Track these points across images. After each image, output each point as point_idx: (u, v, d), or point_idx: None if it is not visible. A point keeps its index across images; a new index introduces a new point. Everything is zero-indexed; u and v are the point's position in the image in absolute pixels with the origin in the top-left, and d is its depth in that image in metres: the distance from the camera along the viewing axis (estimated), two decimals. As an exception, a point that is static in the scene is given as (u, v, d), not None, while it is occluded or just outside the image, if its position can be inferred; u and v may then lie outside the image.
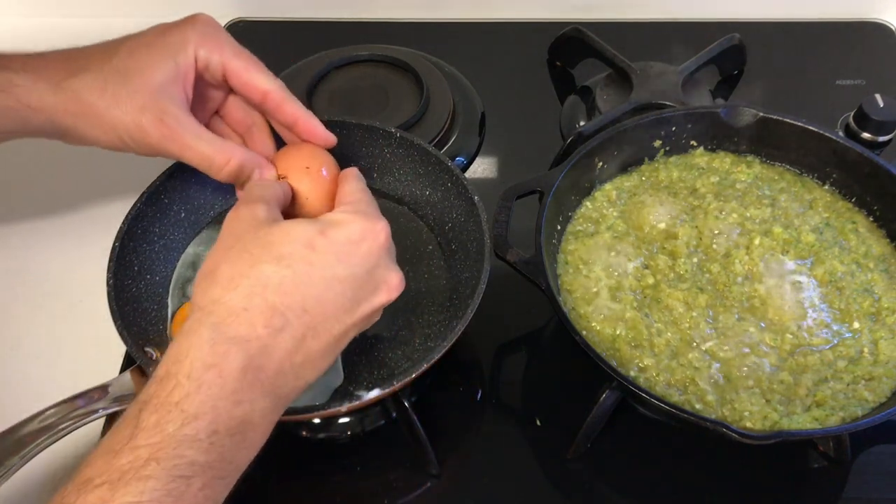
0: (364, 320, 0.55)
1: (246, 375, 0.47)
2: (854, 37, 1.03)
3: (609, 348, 0.66)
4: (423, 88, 0.90)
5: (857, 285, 0.69)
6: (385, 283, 0.56)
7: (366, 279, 0.54)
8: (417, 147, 0.76)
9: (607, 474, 0.67)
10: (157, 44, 0.62)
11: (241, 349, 0.48)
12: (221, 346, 0.47)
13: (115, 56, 0.61)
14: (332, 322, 0.52)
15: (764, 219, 0.73)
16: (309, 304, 0.51)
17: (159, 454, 0.43)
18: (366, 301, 0.54)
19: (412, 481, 0.66)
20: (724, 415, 0.62)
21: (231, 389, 0.46)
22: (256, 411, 0.48)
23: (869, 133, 0.86)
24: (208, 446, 0.45)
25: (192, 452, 0.44)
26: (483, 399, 0.72)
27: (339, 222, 0.54)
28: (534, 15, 1.05)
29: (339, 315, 0.53)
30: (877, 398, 0.63)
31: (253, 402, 0.48)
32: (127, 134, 0.61)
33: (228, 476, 0.47)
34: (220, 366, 0.47)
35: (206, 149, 0.61)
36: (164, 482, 0.42)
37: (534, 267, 0.66)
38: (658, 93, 0.87)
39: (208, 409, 0.45)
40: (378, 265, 0.55)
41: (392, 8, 1.05)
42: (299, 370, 0.51)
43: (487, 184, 0.87)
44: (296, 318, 0.50)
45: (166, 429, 0.44)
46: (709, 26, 1.02)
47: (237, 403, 0.47)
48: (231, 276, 0.50)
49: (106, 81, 0.60)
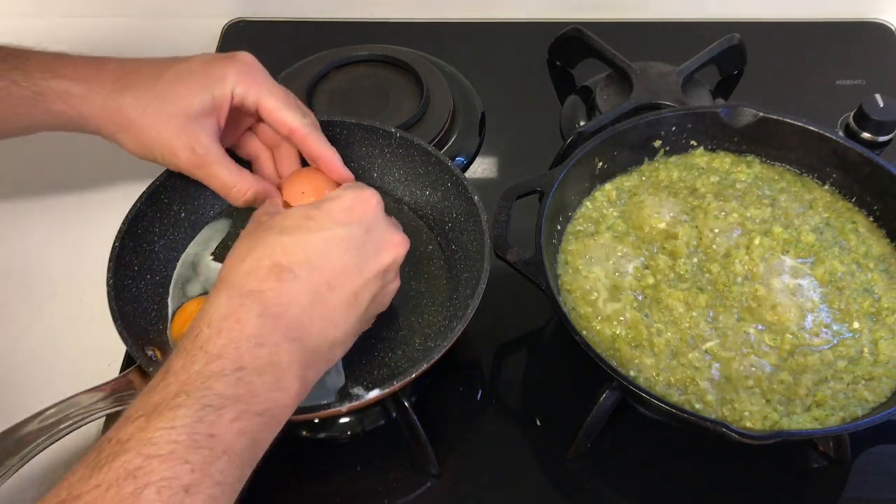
0: (376, 280, 0.58)
1: (264, 321, 0.50)
2: (854, 37, 1.03)
3: (609, 348, 0.66)
4: (423, 88, 0.90)
5: (857, 285, 0.69)
6: (387, 242, 0.59)
7: (366, 238, 0.58)
8: (417, 147, 0.76)
9: (607, 474, 0.67)
10: (199, 74, 0.67)
11: (256, 299, 0.51)
12: (236, 300, 0.51)
13: (161, 79, 0.66)
14: (343, 278, 0.56)
15: (764, 219, 0.73)
16: (314, 260, 0.54)
17: (188, 387, 0.46)
18: (371, 260, 0.58)
19: (412, 481, 0.66)
20: (724, 415, 0.62)
21: (250, 333, 0.49)
22: (282, 354, 0.50)
23: (869, 133, 0.86)
24: (235, 381, 0.47)
25: (220, 386, 0.47)
26: (483, 399, 0.72)
27: (332, 197, 0.60)
28: (534, 15, 1.05)
29: (348, 272, 0.56)
30: (877, 398, 0.63)
31: (277, 345, 0.50)
32: (160, 153, 0.67)
33: (265, 414, 0.49)
34: (238, 314, 0.50)
35: (229, 179, 0.67)
36: (194, 410, 0.45)
37: (534, 267, 0.66)
38: (658, 93, 0.87)
39: (230, 350, 0.48)
40: (374, 227, 0.59)
41: (392, 8, 1.05)
42: (322, 324, 0.54)
43: (487, 184, 0.87)
44: (304, 272, 0.54)
45: (192, 368, 0.48)
46: (709, 26, 1.02)
47: (259, 346, 0.49)
48: (241, 253, 0.55)
49: (148, 103, 0.66)
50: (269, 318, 0.51)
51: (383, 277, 0.59)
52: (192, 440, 0.44)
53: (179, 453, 0.43)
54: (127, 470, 0.42)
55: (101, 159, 0.80)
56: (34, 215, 0.84)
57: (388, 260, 0.59)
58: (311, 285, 0.54)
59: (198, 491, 0.43)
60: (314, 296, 0.54)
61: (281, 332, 0.51)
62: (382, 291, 0.60)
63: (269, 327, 0.51)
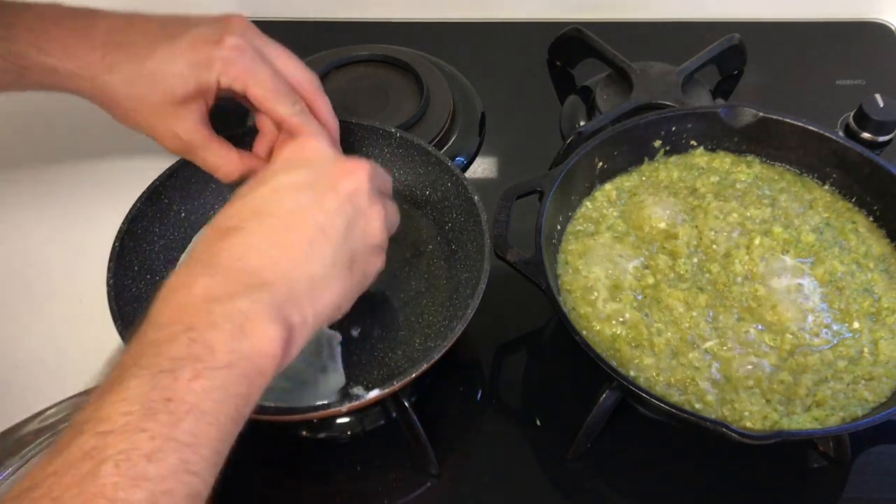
0: (343, 209, 0.55)
1: (213, 279, 0.49)
2: (854, 37, 1.03)
3: (609, 348, 0.66)
4: (423, 88, 0.90)
5: (857, 285, 0.69)
6: (340, 171, 0.57)
7: (315, 175, 0.56)
8: (417, 147, 0.76)
9: (607, 474, 0.67)
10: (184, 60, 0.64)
11: (205, 264, 0.50)
12: (184, 272, 0.50)
13: (148, 59, 0.64)
14: (301, 216, 0.53)
15: (764, 219, 0.73)
16: (263, 210, 0.53)
17: (140, 359, 0.45)
18: (329, 192, 0.55)
19: (412, 481, 0.66)
20: (724, 415, 0.62)
21: (199, 294, 0.48)
22: (242, 303, 0.48)
23: (869, 133, 0.86)
24: (188, 342, 0.45)
25: (173, 350, 0.45)
26: (483, 399, 0.72)
27: (273, 159, 0.61)
28: (534, 15, 1.05)
29: (305, 210, 0.54)
30: (877, 398, 0.63)
31: (232, 297, 0.48)
32: (147, 133, 0.67)
33: (233, 366, 0.46)
34: (186, 282, 0.49)
35: (214, 162, 0.67)
36: (146, 379, 0.43)
37: (534, 267, 0.66)
38: (658, 93, 0.87)
39: (179, 315, 0.47)
40: (321, 163, 0.58)
41: (392, 8, 1.05)
42: (289, 262, 0.51)
43: (487, 184, 0.87)
44: (254, 223, 0.52)
45: (143, 340, 0.46)
46: (709, 26, 1.02)
47: (210, 302, 0.47)
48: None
49: (134, 86, 0.65)
50: (220, 275, 0.49)
51: (352, 205, 0.56)
52: (148, 408, 0.42)
53: (134, 423, 0.41)
54: (83, 451, 0.41)
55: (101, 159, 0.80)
56: (34, 215, 0.84)
57: (349, 187, 0.56)
58: (265, 231, 0.52)
59: (162, 457, 0.41)
60: (271, 239, 0.52)
61: (236, 284, 0.49)
62: (364, 220, 0.56)
63: (220, 283, 0.48)
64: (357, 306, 0.70)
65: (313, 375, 0.66)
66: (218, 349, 0.45)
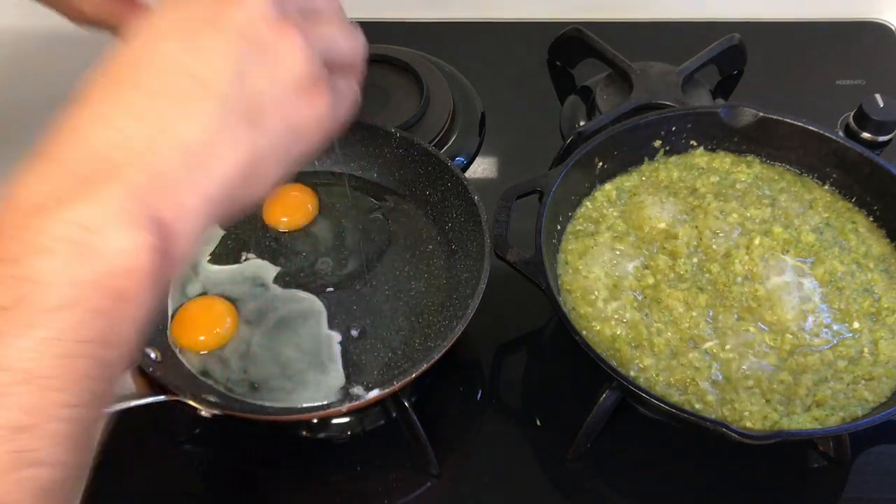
0: (230, 50, 0.39)
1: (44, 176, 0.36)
2: (854, 37, 1.03)
3: (609, 348, 0.66)
4: (423, 88, 0.90)
5: (857, 285, 0.69)
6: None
7: (191, 13, 0.40)
8: (417, 147, 0.76)
9: (607, 474, 0.67)
10: None
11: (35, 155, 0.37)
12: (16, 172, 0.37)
13: None
14: (167, 68, 0.39)
15: (764, 219, 0.73)
16: (115, 70, 0.39)
17: None
18: (209, 28, 0.40)
19: (412, 481, 0.66)
20: (724, 415, 0.62)
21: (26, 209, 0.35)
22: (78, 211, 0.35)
23: (869, 133, 0.86)
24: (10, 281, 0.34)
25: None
26: (483, 399, 0.72)
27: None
28: (534, 15, 1.05)
29: (174, 59, 0.39)
30: (877, 398, 0.63)
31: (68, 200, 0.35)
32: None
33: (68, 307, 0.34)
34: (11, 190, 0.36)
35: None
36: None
37: (534, 267, 0.66)
38: (658, 93, 0.87)
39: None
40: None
41: (392, 8, 1.05)
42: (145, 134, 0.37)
43: (487, 184, 0.87)
44: (98, 89, 0.38)
45: None
46: (709, 26, 1.01)
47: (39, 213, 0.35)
48: None
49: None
50: (54, 170, 0.36)
51: (246, 39, 0.40)
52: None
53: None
54: None
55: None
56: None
57: (237, 18, 0.40)
58: (118, 99, 0.38)
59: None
60: (126, 108, 0.38)
61: (75, 179, 0.35)
62: (268, 55, 0.40)
63: (54, 183, 0.35)
64: (357, 306, 0.71)
65: (313, 375, 0.66)
66: (52, 282, 0.33)
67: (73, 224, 0.34)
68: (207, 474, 0.68)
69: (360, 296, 0.72)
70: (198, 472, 0.68)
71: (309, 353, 0.68)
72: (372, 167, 0.78)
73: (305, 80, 0.42)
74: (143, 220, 0.36)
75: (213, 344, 0.68)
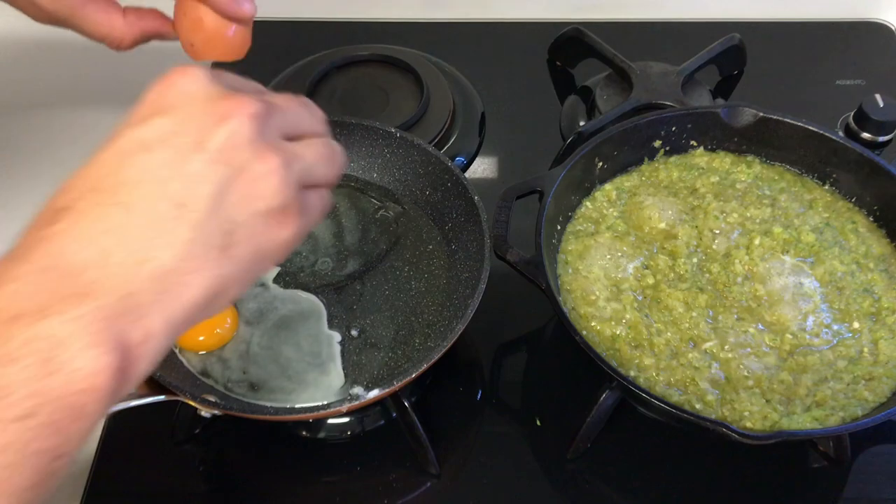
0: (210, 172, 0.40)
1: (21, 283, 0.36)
2: (854, 37, 1.03)
3: (609, 348, 0.66)
4: (423, 88, 0.90)
5: (857, 285, 0.69)
6: (214, 115, 0.41)
7: (175, 125, 0.40)
8: (417, 147, 0.76)
9: (607, 474, 0.67)
10: None
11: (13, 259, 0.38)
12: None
13: None
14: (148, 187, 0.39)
15: (764, 219, 0.73)
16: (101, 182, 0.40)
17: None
18: (193, 146, 0.40)
19: (412, 481, 0.66)
20: (724, 415, 0.62)
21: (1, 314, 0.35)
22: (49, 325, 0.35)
23: (869, 133, 0.86)
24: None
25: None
26: (483, 399, 0.72)
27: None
28: (534, 15, 1.05)
29: (153, 177, 0.39)
30: (877, 398, 0.63)
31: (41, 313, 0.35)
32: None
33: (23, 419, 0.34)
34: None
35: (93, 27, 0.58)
36: None
37: (534, 267, 0.66)
38: (658, 93, 0.87)
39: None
40: (186, 106, 0.41)
41: (392, 8, 1.05)
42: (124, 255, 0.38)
43: (487, 184, 0.87)
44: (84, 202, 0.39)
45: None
46: (709, 26, 1.01)
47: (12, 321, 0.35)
48: None
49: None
50: (31, 279, 0.36)
51: (226, 162, 0.40)
52: None
53: None
54: None
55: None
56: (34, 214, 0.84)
57: (220, 139, 0.40)
58: (98, 213, 0.38)
59: None
60: (105, 223, 0.38)
61: (51, 292, 0.36)
62: (246, 180, 0.40)
63: (30, 291, 0.36)
64: (357, 306, 0.71)
65: (313, 375, 0.66)
66: (14, 392, 0.34)
67: (44, 337, 0.35)
68: (207, 474, 0.68)
69: (360, 296, 0.72)
70: (198, 472, 0.68)
71: (309, 353, 0.68)
72: (372, 167, 0.78)
73: (277, 205, 0.42)
74: (110, 341, 0.36)
75: (213, 344, 0.68)
